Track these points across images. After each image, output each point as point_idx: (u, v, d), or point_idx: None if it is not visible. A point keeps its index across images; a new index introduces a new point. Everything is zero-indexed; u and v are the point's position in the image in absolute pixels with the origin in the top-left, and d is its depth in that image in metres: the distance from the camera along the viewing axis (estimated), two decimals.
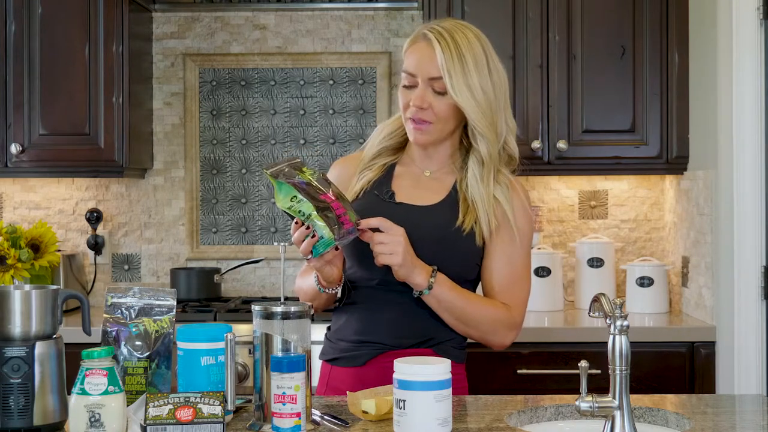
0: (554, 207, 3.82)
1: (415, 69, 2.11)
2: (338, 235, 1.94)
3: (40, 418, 1.73)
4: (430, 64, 2.08)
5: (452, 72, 2.06)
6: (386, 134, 2.25)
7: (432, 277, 2.05)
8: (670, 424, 1.88)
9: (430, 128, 2.12)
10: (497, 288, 2.15)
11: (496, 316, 2.12)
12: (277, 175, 1.97)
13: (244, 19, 3.91)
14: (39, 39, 3.51)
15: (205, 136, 3.90)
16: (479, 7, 3.46)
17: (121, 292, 1.90)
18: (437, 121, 2.11)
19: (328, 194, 1.98)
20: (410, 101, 2.11)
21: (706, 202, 3.29)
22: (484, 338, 2.15)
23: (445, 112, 2.10)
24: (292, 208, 1.96)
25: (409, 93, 2.12)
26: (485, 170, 2.13)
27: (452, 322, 2.11)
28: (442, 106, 2.10)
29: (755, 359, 3.04)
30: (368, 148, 2.27)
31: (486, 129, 2.10)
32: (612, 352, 1.68)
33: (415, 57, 2.11)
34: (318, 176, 2.01)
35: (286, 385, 1.68)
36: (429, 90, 2.09)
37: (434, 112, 2.10)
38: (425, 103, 2.09)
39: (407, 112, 2.13)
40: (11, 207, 3.87)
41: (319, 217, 1.93)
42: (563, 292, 3.66)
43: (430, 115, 2.10)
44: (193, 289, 3.69)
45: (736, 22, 3.04)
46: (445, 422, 1.66)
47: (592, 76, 3.47)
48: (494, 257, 2.15)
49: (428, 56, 2.09)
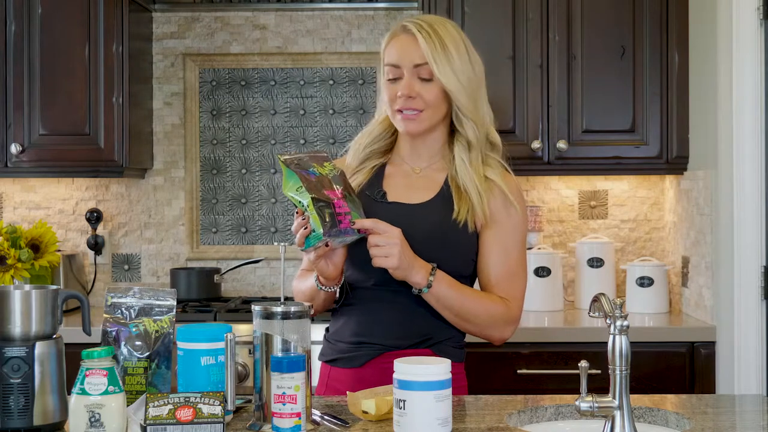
0: (554, 207, 3.82)
1: (399, 59, 2.12)
2: (327, 231, 1.94)
3: (40, 418, 1.73)
4: (414, 52, 2.10)
5: (436, 57, 2.09)
6: (373, 138, 2.25)
7: (431, 276, 2.05)
8: (670, 424, 1.88)
9: (420, 116, 2.13)
10: (494, 281, 2.15)
11: (495, 311, 2.12)
12: (290, 163, 1.98)
13: (244, 19, 3.91)
14: (39, 39, 3.51)
15: (205, 136, 3.90)
16: (479, 7, 3.46)
17: (121, 292, 1.90)
18: (427, 108, 2.12)
19: (335, 191, 1.98)
20: (397, 93, 2.12)
21: (706, 202, 3.29)
22: (483, 333, 2.15)
23: (433, 98, 2.12)
24: (295, 197, 1.97)
25: (394, 86, 2.13)
26: (473, 154, 2.15)
27: (452, 319, 2.11)
28: (430, 93, 2.11)
29: (755, 359, 3.04)
30: (353, 153, 2.26)
31: (472, 112, 2.13)
32: (612, 352, 1.68)
33: (397, 48, 2.13)
34: (335, 173, 2.02)
35: (286, 385, 1.68)
36: (415, 78, 2.11)
37: (423, 99, 2.11)
38: (413, 91, 2.11)
39: (395, 103, 2.13)
40: (11, 207, 3.87)
41: (313, 211, 1.94)
42: (563, 292, 3.66)
43: (419, 103, 2.12)
44: (193, 289, 3.69)
45: (736, 22, 3.04)
46: (445, 422, 1.66)
47: (592, 76, 3.47)
48: (490, 250, 2.14)
49: (411, 45, 2.11)
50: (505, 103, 3.42)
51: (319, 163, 2.02)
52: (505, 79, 3.44)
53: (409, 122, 2.14)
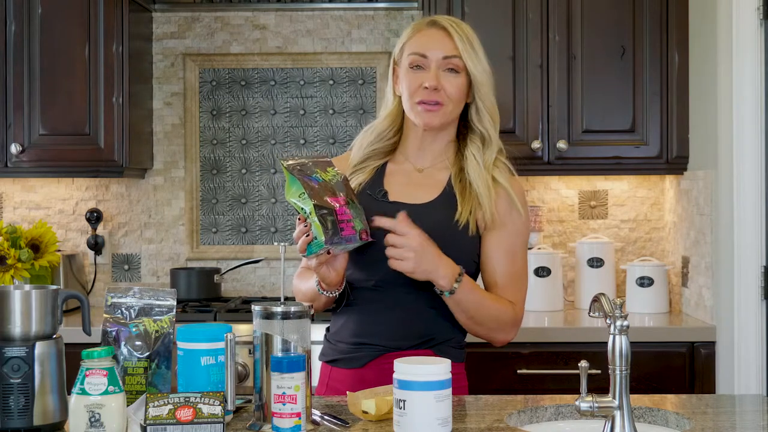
0: (554, 207, 3.82)
1: (427, 49, 2.14)
2: (329, 239, 1.94)
3: (40, 418, 1.73)
4: (445, 44, 2.14)
5: (466, 50, 2.14)
6: (376, 136, 2.24)
7: (457, 282, 2.04)
8: (670, 424, 1.88)
9: (441, 110, 2.14)
10: (500, 284, 2.15)
11: (504, 316, 2.13)
12: (293, 169, 1.97)
13: (244, 19, 3.91)
14: (39, 39, 3.51)
15: (205, 136, 3.90)
16: (479, 7, 3.46)
17: (121, 292, 1.90)
18: (448, 102, 2.13)
19: (338, 198, 1.97)
20: (421, 83, 2.12)
21: (706, 202, 3.29)
22: (489, 335, 2.16)
23: (457, 92, 2.14)
24: (297, 204, 1.97)
25: (418, 75, 2.14)
26: (487, 153, 2.16)
27: (464, 321, 2.11)
28: (454, 87, 2.13)
29: (755, 359, 3.04)
30: (356, 149, 2.26)
31: (492, 107, 2.17)
32: (612, 352, 1.68)
33: (425, 39, 2.16)
34: (338, 179, 2.01)
35: (286, 385, 1.68)
36: (440, 71, 2.13)
37: (446, 92, 2.13)
38: (438, 83, 2.12)
39: (416, 95, 2.13)
40: (11, 207, 3.87)
41: (316, 218, 1.93)
42: (563, 292, 3.66)
43: (442, 96, 2.13)
44: (193, 289, 3.69)
45: (736, 22, 3.04)
46: (445, 422, 1.66)
47: (592, 76, 3.47)
48: (496, 253, 2.15)
49: (442, 38, 2.15)
50: (505, 103, 3.41)
51: (322, 168, 2.02)
52: (505, 79, 3.44)
53: (428, 114, 2.14)
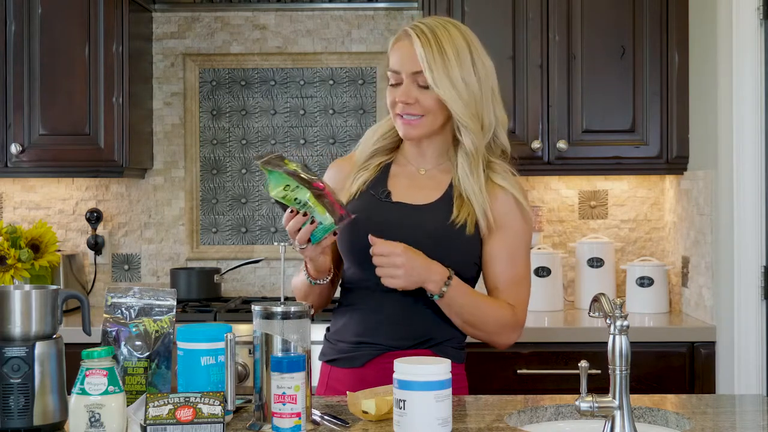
0: (554, 207, 3.82)
1: (399, 66, 2.13)
2: (337, 219, 1.95)
3: (40, 418, 1.73)
4: (411, 59, 2.10)
5: (432, 65, 2.08)
6: (380, 135, 2.26)
7: (446, 285, 2.04)
8: (670, 424, 1.88)
9: (419, 122, 2.13)
10: (502, 287, 2.15)
11: (503, 319, 2.13)
12: (268, 164, 1.97)
13: (244, 19, 3.91)
14: (39, 39, 3.50)
15: (205, 136, 3.90)
16: (479, 7, 3.46)
17: (121, 292, 1.90)
18: (426, 114, 2.12)
19: (318, 182, 1.98)
20: (396, 98, 2.13)
21: (706, 202, 3.29)
22: (489, 338, 2.16)
23: (431, 105, 2.11)
24: (287, 197, 1.95)
25: (395, 91, 2.15)
26: (473, 163, 2.14)
27: (460, 324, 2.12)
28: (428, 100, 2.11)
29: (755, 359, 3.04)
30: (361, 149, 2.27)
31: (469, 120, 2.11)
32: (612, 352, 1.68)
33: (397, 54, 2.14)
34: (302, 166, 2.01)
35: (286, 385, 1.68)
36: (414, 85, 2.11)
37: (421, 106, 2.11)
38: (411, 98, 2.11)
39: (395, 108, 2.15)
40: (11, 207, 3.87)
41: (317, 203, 1.93)
42: (563, 292, 3.66)
43: (417, 109, 2.12)
44: (193, 289, 3.69)
45: (736, 22, 3.04)
46: (445, 422, 1.66)
47: (592, 76, 3.47)
48: (498, 255, 2.15)
49: (409, 52, 2.11)
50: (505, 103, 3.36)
51: (282, 160, 2.00)
52: (505, 79, 3.43)
53: (408, 127, 2.15)
